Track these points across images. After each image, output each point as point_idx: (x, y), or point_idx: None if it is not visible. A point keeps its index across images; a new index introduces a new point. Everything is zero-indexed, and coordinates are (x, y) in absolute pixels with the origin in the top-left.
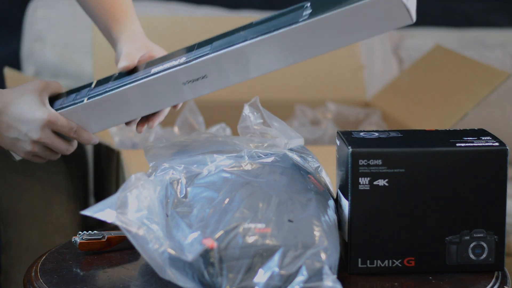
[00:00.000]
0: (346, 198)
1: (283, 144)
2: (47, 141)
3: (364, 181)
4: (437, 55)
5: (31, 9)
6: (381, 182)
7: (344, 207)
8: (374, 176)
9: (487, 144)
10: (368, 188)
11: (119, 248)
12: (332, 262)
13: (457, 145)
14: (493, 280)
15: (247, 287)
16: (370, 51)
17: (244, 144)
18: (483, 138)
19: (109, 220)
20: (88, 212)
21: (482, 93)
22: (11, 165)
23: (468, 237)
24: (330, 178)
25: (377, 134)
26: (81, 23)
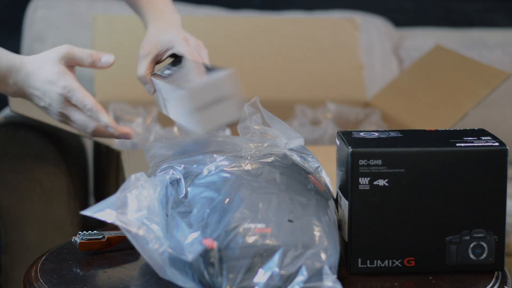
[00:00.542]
0: (346, 198)
1: (283, 144)
2: (67, 114)
3: (364, 181)
4: (437, 55)
5: (31, 9)
6: (381, 182)
7: (344, 207)
8: (374, 176)
9: (487, 144)
10: (368, 188)
11: (119, 248)
12: (332, 262)
13: (457, 145)
14: (493, 280)
15: (247, 287)
16: (370, 51)
17: (244, 144)
18: (483, 138)
19: (109, 220)
20: (88, 212)
21: (482, 93)
22: (11, 165)
23: (468, 237)
24: (330, 178)
25: (377, 134)
26: (81, 23)
